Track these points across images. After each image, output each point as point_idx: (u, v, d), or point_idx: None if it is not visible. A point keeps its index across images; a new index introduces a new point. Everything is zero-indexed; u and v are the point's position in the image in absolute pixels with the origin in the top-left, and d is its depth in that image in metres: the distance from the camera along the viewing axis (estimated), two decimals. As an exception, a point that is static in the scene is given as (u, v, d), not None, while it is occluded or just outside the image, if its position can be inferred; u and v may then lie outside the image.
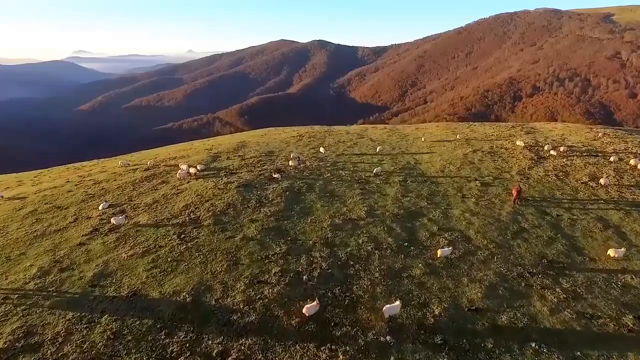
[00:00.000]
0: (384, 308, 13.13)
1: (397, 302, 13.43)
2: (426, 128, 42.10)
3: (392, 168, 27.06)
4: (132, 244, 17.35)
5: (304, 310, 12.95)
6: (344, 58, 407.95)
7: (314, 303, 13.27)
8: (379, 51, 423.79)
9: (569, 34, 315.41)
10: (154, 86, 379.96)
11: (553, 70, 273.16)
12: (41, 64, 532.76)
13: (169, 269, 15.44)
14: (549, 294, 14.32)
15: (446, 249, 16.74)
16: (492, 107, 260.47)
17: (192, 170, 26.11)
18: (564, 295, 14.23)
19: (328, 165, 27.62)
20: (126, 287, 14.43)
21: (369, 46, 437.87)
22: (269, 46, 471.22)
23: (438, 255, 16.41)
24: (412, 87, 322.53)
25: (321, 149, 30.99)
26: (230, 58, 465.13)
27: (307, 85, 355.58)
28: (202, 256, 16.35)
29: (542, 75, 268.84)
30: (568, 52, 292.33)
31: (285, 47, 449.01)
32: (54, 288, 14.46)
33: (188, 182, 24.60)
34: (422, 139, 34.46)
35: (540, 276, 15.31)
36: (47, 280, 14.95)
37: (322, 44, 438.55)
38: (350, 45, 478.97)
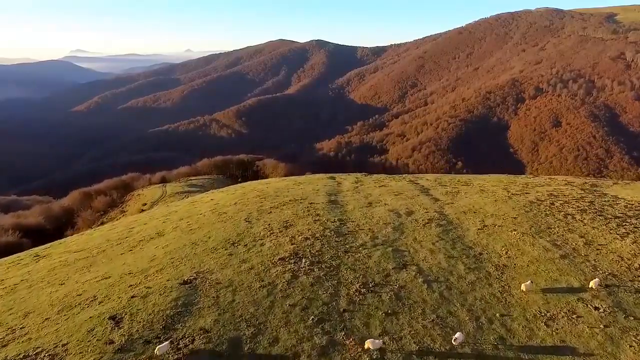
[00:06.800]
0: None
1: None
2: (498, 225, 20.97)
3: None
4: None
5: None
6: (343, 58, 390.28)
7: None
8: (378, 51, 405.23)
9: (572, 34, 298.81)
10: (150, 86, 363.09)
11: (556, 71, 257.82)
12: (38, 64, 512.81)
13: None
14: None
15: None
16: (494, 110, 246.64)
17: None
18: None
19: None
20: None
21: (368, 46, 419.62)
22: (267, 46, 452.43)
23: None
24: (412, 88, 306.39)
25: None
26: (228, 58, 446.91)
27: (305, 85, 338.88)
28: None
29: (545, 77, 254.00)
30: (571, 53, 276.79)
31: (283, 47, 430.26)
32: None
33: None
34: (523, 288, 14.09)
35: None
36: None
37: (320, 44, 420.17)
38: (349, 45, 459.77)
